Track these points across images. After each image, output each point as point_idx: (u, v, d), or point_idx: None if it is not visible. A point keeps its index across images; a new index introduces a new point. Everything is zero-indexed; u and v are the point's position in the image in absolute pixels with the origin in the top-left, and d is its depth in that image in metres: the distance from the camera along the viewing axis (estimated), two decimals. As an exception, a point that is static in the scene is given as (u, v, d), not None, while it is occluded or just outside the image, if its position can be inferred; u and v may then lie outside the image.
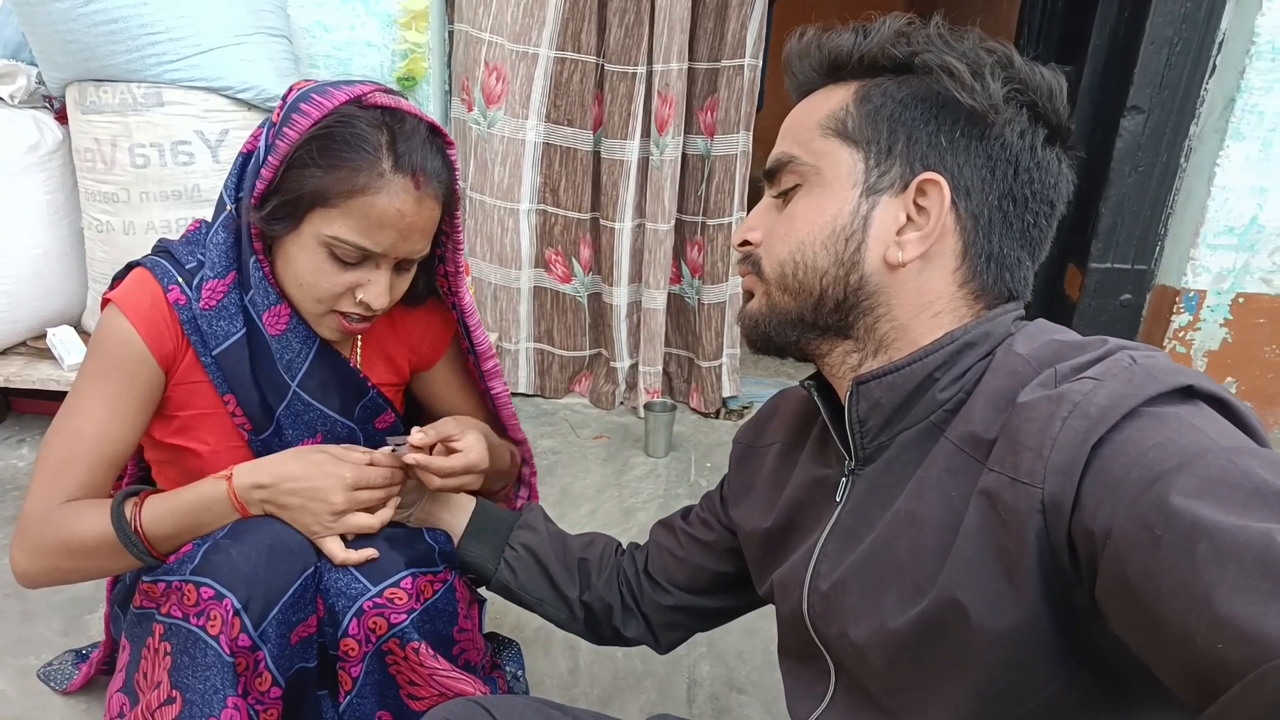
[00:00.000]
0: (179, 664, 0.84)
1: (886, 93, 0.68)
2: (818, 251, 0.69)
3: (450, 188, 0.95)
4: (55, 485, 0.91)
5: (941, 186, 0.67)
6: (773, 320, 0.73)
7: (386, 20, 2.21)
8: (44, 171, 1.99)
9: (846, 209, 0.68)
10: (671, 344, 2.57)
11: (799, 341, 0.74)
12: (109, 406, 0.93)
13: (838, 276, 0.69)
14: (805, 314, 0.71)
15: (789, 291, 0.71)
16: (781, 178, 0.73)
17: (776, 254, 0.72)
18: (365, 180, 0.86)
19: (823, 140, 0.70)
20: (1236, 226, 2.19)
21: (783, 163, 0.72)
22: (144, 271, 0.96)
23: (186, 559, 0.88)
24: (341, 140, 0.87)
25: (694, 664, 1.47)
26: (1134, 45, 2.19)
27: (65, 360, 2.01)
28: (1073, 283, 2.47)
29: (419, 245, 0.93)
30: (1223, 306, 2.28)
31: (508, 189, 2.34)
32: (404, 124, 0.90)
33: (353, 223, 0.88)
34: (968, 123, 0.67)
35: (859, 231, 0.68)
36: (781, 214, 0.73)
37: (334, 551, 0.91)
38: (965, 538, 0.59)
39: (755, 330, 0.75)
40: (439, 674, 0.92)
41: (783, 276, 0.71)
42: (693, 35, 2.27)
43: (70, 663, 1.35)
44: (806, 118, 0.72)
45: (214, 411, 0.99)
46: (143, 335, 0.93)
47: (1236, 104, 2.09)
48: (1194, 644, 0.44)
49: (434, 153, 0.91)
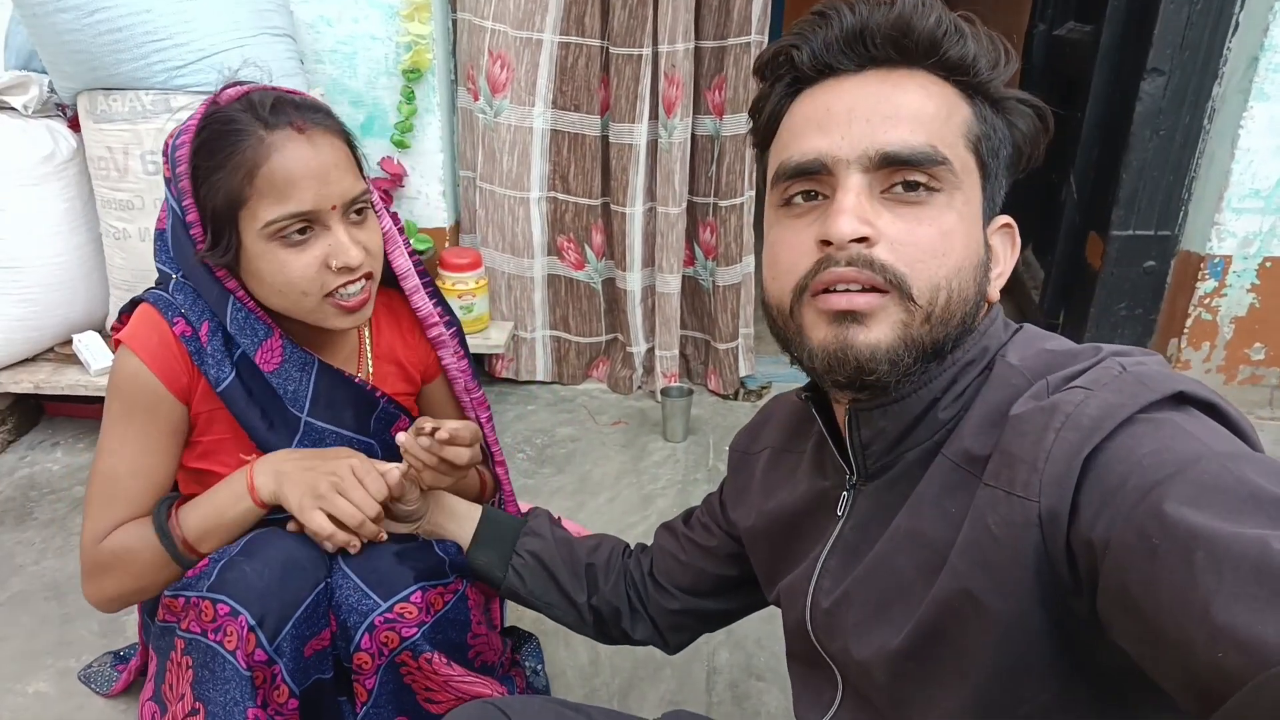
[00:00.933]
0: (200, 677, 0.87)
1: (997, 126, 0.67)
2: (967, 280, 0.63)
3: (343, 125, 0.95)
4: (101, 520, 0.96)
5: (1014, 230, 0.69)
6: (912, 351, 0.62)
7: (389, 13, 2.20)
8: (60, 180, 2.02)
9: (980, 239, 0.66)
10: (687, 327, 2.57)
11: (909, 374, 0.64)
12: (137, 445, 0.96)
13: (972, 310, 0.64)
14: (940, 346, 0.63)
15: (935, 321, 0.62)
16: (918, 174, 0.62)
17: (931, 276, 0.61)
18: (253, 154, 0.87)
19: (966, 153, 0.64)
20: (1262, 189, 2.13)
21: (935, 160, 0.62)
22: (148, 307, 0.98)
23: (204, 575, 0.90)
24: (215, 136, 0.88)
25: (713, 652, 1.48)
26: (1153, 4, 2.12)
27: (92, 365, 2.05)
28: (1094, 251, 2.42)
29: (345, 183, 0.91)
30: (1249, 271, 2.23)
31: (517, 178, 2.34)
32: (258, 95, 0.90)
33: (270, 198, 0.87)
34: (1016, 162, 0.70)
35: (985, 264, 0.67)
36: (921, 224, 0.62)
37: (320, 525, 0.91)
38: (960, 553, 0.60)
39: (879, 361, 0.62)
40: (454, 680, 0.94)
41: (935, 304, 0.62)
42: (698, 14, 2.23)
43: (109, 665, 1.40)
44: (939, 113, 0.63)
45: (234, 435, 1.01)
46: (156, 373, 0.95)
47: (1260, 62, 2.02)
48: (1194, 653, 0.44)
49: (304, 102, 0.92)
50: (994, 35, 0.67)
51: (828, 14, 0.66)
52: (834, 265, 0.62)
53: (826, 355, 0.63)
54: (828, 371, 0.64)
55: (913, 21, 0.63)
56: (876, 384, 0.63)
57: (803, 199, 0.66)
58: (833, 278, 0.62)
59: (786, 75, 0.69)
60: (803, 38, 0.67)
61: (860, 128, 0.63)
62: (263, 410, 0.99)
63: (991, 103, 0.67)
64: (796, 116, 0.68)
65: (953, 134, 0.63)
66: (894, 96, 0.63)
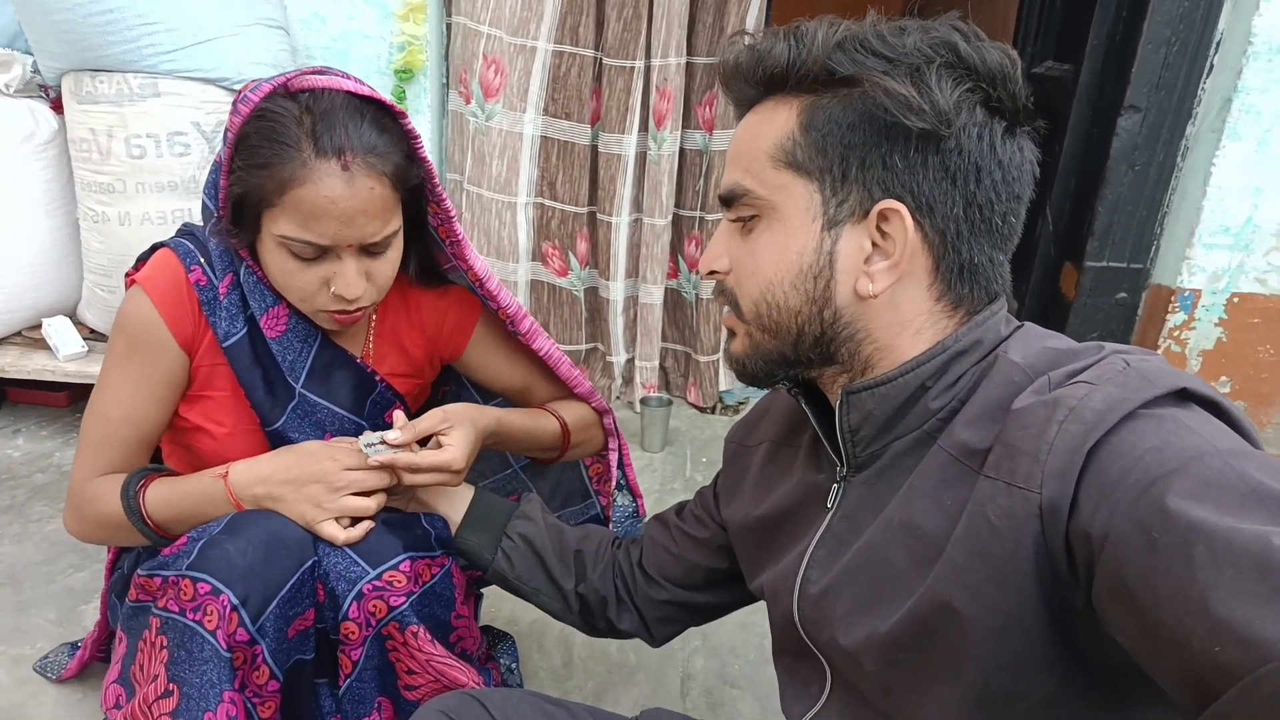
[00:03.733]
0: (176, 658, 0.84)
1: (831, 117, 0.65)
2: (788, 292, 0.68)
3: (401, 160, 0.90)
4: (92, 461, 0.98)
5: (902, 214, 0.64)
6: (758, 360, 0.72)
7: (384, 12, 2.20)
8: (40, 161, 1.99)
9: (810, 246, 0.66)
10: (668, 339, 2.58)
11: (787, 375, 0.73)
12: (133, 389, 0.96)
13: (811, 314, 0.68)
14: (787, 351, 0.70)
15: (767, 331, 0.70)
16: (738, 207, 0.70)
17: (749, 294, 0.71)
18: (290, 172, 0.84)
19: (775, 173, 0.67)
20: (1232, 226, 2.20)
21: (737, 194, 0.70)
22: (168, 252, 0.97)
23: (183, 554, 0.88)
24: (261, 138, 0.85)
25: (688, 658, 1.47)
26: (1131, 45, 2.19)
27: (60, 351, 2.01)
28: (1069, 281, 2.48)
29: (369, 229, 0.88)
30: (1218, 306, 2.29)
31: (505, 182, 2.34)
32: (322, 102, 0.86)
33: (291, 218, 0.86)
34: (920, 139, 0.63)
35: (826, 268, 0.66)
36: (745, 247, 0.70)
37: (333, 535, 0.91)
38: (957, 545, 0.60)
39: (744, 371, 0.74)
40: (436, 660, 0.93)
41: (759, 317, 0.70)
42: (691, 30, 2.27)
43: (66, 654, 1.35)
44: (754, 144, 0.69)
45: (233, 394, 1.00)
46: (164, 317, 0.95)
47: (1233, 104, 2.09)
48: (1191, 647, 0.44)
49: (365, 125, 0.87)
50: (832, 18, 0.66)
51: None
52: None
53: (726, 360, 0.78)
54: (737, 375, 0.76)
55: (727, 64, 0.71)
56: (759, 383, 0.74)
57: None
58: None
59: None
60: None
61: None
62: (264, 374, 0.98)
63: (835, 85, 0.64)
64: None
65: (758, 160, 0.68)
66: (733, 141, 0.73)
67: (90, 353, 2.05)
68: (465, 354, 1.13)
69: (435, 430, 0.96)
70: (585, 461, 1.28)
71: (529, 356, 1.15)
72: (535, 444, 1.10)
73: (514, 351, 1.15)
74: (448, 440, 0.96)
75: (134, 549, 1.08)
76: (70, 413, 2.23)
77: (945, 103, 0.62)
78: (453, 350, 1.13)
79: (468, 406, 1.03)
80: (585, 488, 1.29)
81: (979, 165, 0.64)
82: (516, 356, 1.15)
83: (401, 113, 0.91)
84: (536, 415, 1.11)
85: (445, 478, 0.96)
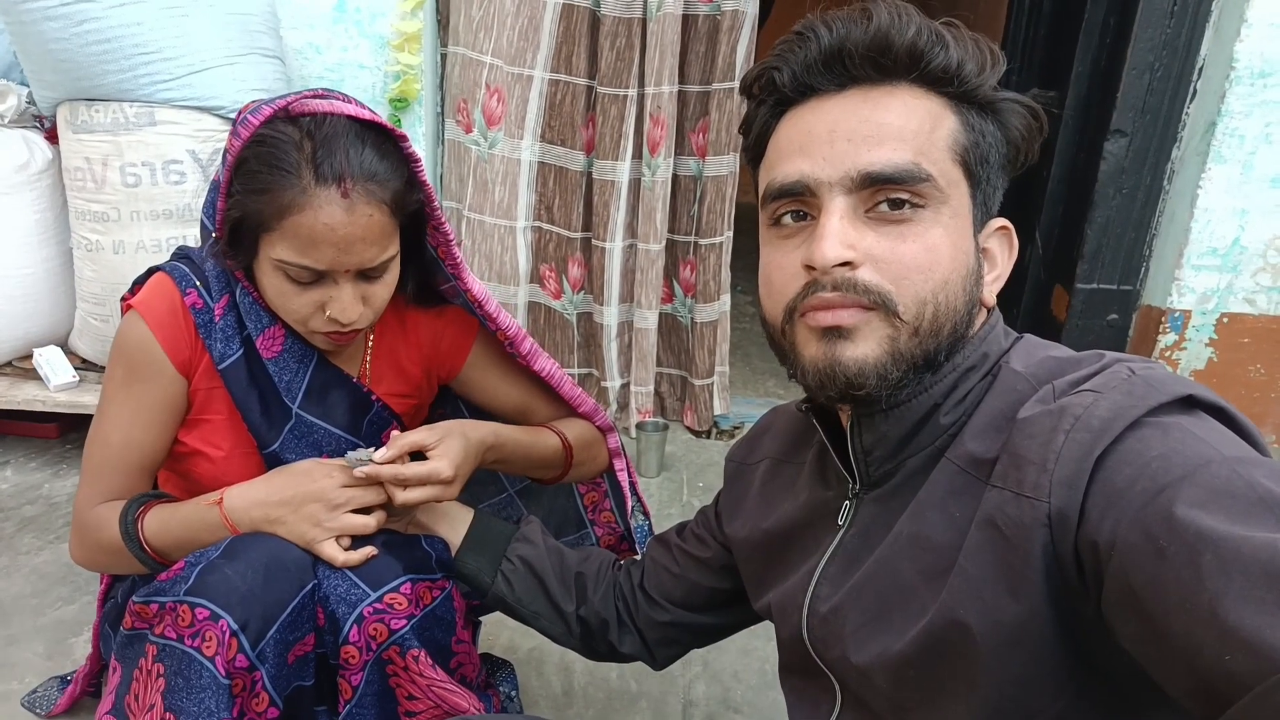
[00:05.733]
0: (173, 686, 0.82)
1: (986, 131, 0.66)
2: (958, 292, 0.64)
3: (401, 186, 0.89)
4: (94, 487, 0.98)
5: (1011, 233, 0.69)
6: (903, 364, 0.63)
7: (379, 42, 2.23)
8: (33, 191, 1.99)
9: (972, 248, 0.66)
10: (663, 363, 2.58)
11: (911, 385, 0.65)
12: (132, 413, 0.96)
13: (964, 319, 0.65)
14: (932, 357, 0.64)
15: (924, 334, 0.63)
16: (901, 192, 0.62)
17: (917, 291, 0.62)
18: (289, 199, 0.83)
19: (952, 166, 0.64)
20: (1219, 247, 2.22)
21: (918, 177, 0.62)
22: (163, 276, 0.97)
23: (180, 579, 0.86)
24: (261, 163, 0.84)
25: (689, 684, 1.45)
26: (1116, 71, 2.23)
27: (51, 381, 1.99)
28: (1060, 303, 2.50)
29: (367, 255, 0.88)
30: (1207, 326, 2.31)
31: (506, 208, 2.36)
32: (324, 128, 0.85)
33: (290, 244, 0.86)
34: (1012, 161, 0.69)
35: (980, 273, 0.67)
36: (905, 241, 0.63)
37: (333, 555, 0.90)
38: (969, 556, 0.59)
39: (884, 379, 0.63)
40: (437, 685, 0.91)
41: (922, 318, 0.62)
42: (684, 59, 2.29)
43: (55, 688, 1.32)
44: (922, 128, 0.63)
45: (230, 417, 0.99)
46: (160, 341, 0.94)
47: (1217, 128, 2.13)
48: (1201, 656, 0.44)
49: (367, 151, 0.86)
50: (980, 39, 0.66)
51: (805, 34, 0.66)
52: (820, 290, 0.63)
53: (817, 371, 0.64)
54: (820, 387, 0.65)
55: (890, 37, 0.63)
56: (866, 398, 0.64)
57: (791, 219, 0.67)
58: (819, 303, 0.63)
59: (770, 96, 0.69)
60: (783, 59, 0.67)
61: (841, 149, 0.63)
62: (260, 395, 0.97)
63: (981, 108, 0.66)
64: (781, 138, 0.68)
65: (937, 148, 0.63)
66: (875, 115, 0.64)
67: (82, 383, 2.03)
68: (462, 373, 1.12)
69: (424, 444, 0.94)
70: (580, 489, 1.26)
71: (528, 376, 1.14)
72: (536, 460, 1.08)
73: (512, 371, 1.14)
74: (436, 451, 0.94)
75: (128, 578, 1.06)
76: (60, 444, 2.20)
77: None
78: (450, 369, 1.12)
79: (460, 420, 1.01)
80: (580, 517, 1.28)
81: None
82: (514, 376, 1.14)
83: (403, 136, 0.91)
84: (537, 432, 1.09)
85: (436, 490, 0.93)
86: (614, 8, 2.21)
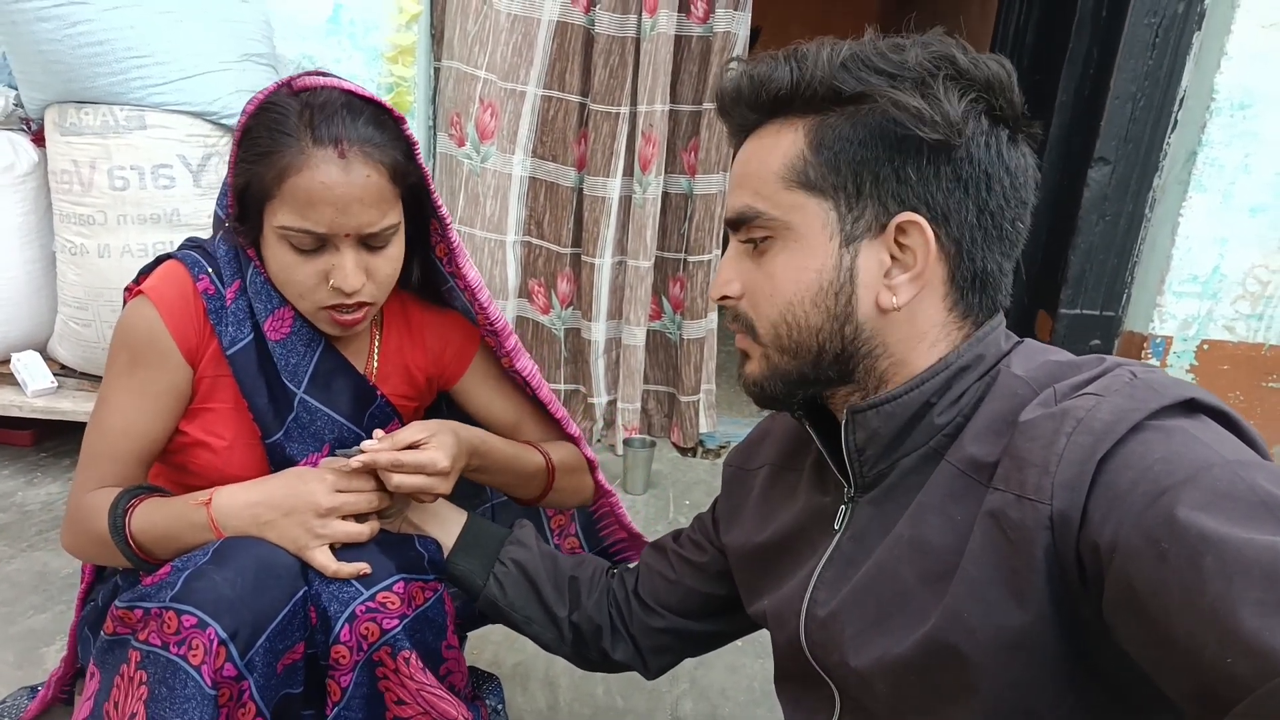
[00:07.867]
0: (156, 695, 0.80)
1: (841, 135, 0.65)
2: (809, 310, 0.68)
3: (399, 156, 0.92)
4: (89, 474, 0.96)
5: (922, 225, 0.65)
6: (776, 382, 0.72)
7: (372, 54, 2.23)
8: (17, 194, 1.96)
9: (829, 263, 0.67)
10: (651, 380, 2.57)
11: (805, 395, 0.73)
12: (135, 400, 0.95)
13: (833, 331, 0.68)
14: (807, 371, 0.70)
15: (786, 352, 0.70)
16: (750, 230, 0.70)
17: (767, 316, 0.70)
18: (289, 160, 0.86)
19: (787, 193, 0.67)
20: (1200, 275, 2.26)
21: (748, 216, 0.69)
22: (175, 263, 0.97)
23: (166, 584, 0.84)
24: (263, 129, 0.88)
25: (676, 701, 1.44)
26: (1099, 101, 2.27)
27: (29, 386, 1.95)
28: (1043, 328, 2.52)
29: (365, 217, 0.89)
30: (1188, 352, 2.34)
31: (497, 222, 2.36)
32: (321, 97, 0.88)
33: (290, 207, 0.88)
34: (931, 150, 0.64)
35: (847, 284, 0.67)
36: (761, 271, 0.70)
37: (325, 564, 0.88)
38: (971, 559, 0.59)
39: (761, 393, 0.73)
40: (427, 690, 0.89)
41: (778, 338, 0.70)
42: (676, 79, 2.32)
43: (25, 698, 1.28)
44: (762, 166, 0.69)
45: (235, 406, 0.98)
46: (169, 327, 0.94)
47: (1198, 157, 2.17)
48: (1202, 658, 0.44)
49: (360, 120, 0.89)
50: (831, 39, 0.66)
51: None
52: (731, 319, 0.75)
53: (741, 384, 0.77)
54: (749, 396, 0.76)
55: (726, 90, 0.71)
56: (776, 405, 0.75)
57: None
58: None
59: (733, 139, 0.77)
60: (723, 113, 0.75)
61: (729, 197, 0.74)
62: (268, 381, 0.96)
63: (845, 104, 0.65)
64: None
65: (769, 183, 0.68)
66: (737, 164, 0.73)
67: (60, 389, 2.00)
68: (461, 381, 1.12)
69: (416, 439, 0.93)
70: (547, 512, 1.25)
71: (521, 394, 1.15)
72: (518, 474, 1.07)
73: (507, 386, 1.15)
74: (430, 444, 0.93)
75: (110, 579, 1.04)
76: (35, 452, 2.16)
77: (955, 113, 0.63)
78: (451, 375, 1.12)
79: (451, 421, 1.01)
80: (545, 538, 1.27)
81: (989, 173, 0.65)
82: (509, 391, 1.15)
83: (400, 117, 0.94)
84: (522, 447, 1.09)
85: (431, 482, 0.92)
86: (608, 26, 2.23)
